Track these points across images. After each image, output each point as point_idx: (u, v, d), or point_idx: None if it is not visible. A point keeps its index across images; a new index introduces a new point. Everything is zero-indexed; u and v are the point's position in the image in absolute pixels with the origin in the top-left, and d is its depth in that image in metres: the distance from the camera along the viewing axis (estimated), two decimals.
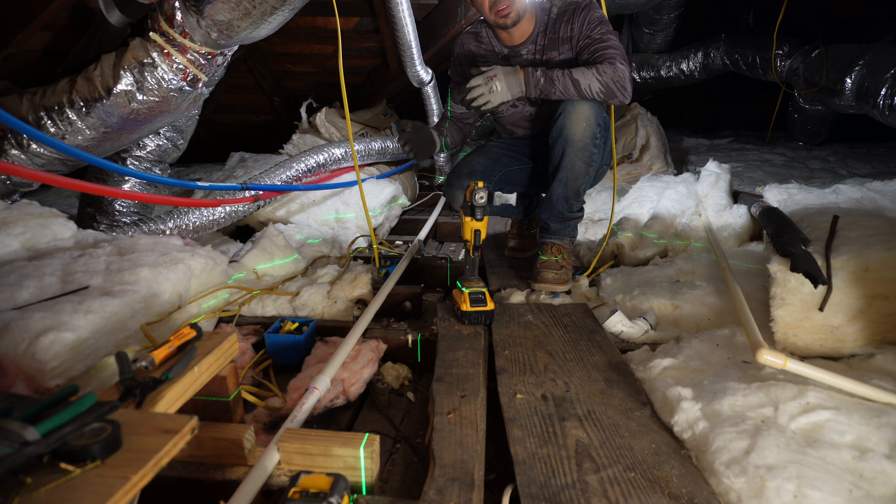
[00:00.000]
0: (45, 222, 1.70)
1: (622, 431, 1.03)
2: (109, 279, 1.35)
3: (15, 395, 0.81)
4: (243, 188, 2.22)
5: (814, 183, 2.87)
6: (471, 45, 1.93)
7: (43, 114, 1.83)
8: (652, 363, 1.24)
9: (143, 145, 2.22)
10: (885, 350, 1.18)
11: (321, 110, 3.51)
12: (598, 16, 1.74)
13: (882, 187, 1.73)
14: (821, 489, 0.81)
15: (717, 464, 0.90)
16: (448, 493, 0.86)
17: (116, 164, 2.07)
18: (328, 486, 0.77)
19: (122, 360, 0.88)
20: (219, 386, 1.00)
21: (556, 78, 1.63)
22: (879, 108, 2.98)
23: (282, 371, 1.39)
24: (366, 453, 0.90)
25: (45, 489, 0.57)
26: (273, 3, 1.69)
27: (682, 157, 4.17)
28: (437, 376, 1.24)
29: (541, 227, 1.91)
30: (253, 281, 1.86)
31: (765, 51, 3.95)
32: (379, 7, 3.22)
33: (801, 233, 1.39)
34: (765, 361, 1.04)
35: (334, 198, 2.75)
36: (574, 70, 1.63)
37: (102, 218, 2.18)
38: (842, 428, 0.94)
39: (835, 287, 1.16)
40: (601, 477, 0.90)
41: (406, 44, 3.18)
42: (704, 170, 2.71)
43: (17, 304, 1.20)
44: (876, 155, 4.00)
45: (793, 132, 4.58)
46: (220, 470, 0.94)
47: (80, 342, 1.09)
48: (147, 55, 1.78)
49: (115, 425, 0.64)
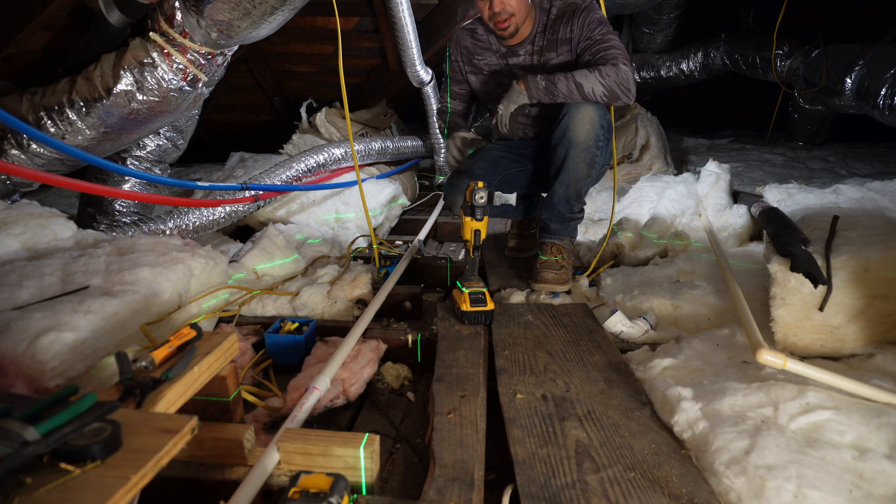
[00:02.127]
0: (45, 222, 1.70)
1: (622, 431, 1.03)
2: (109, 279, 1.35)
3: (15, 395, 0.82)
4: (243, 188, 2.22)
5: (814, 183, 2.87)
6: (467, 41, 1.93)
7: (43, 114, 1.83)
8: (652, 363, 1.24)
9: (143, 145, 2.22)
10: (885, 350, 1.18)
11: (321, 110, 3.51)
12: (599, 17, 1.73)
13: (882, 187, 1.73)
14: (821, 489, 0.81)
15: (717, 464, 0.90)
16: (448, 493, 0.86)
17: (116, 164, 2.07)
18: (328, 486, 0.77)
19: (122, 360, 0.88)
20: (219, 386, 1.00)
21: (558, 81, 1.63)
22: (879, 108, 2.98)
23: (282, 371, 1.39)
24: (366, 453, 0.90)
25: (45, 489, 0.57)
26: (273, 3, 1.69)
27: (682, 157, 4.17)
28: (437, 376, 1.24)
29: (541, 227, 1.91)
30: (253, 281, 1.86)
31: (765, 51, 3.95)
32: (379, 7, 3.22)
33: (801, 233, 1.39)
34: (765, 361, 1.04)
35: (334, 198, 2.75)
36: (577, 73, 1.63)
37: (102, 218, 2.18)
38: (842, 428, 0.94)
39: (835, 287, 1.16)
40: (601, 477, 0.90)
41: (406, 44, 3.18)
42: (704, 170, 2.71)
43: (17, 304, 1.20)
44: (876, 155, 4.00)
45: (793, 132, 4.58)
46: (220, 470, 0.94)
47: (80, 342, 1.09)
48: (147, 55, 1.78)
49: (115, 425, 0.64)
